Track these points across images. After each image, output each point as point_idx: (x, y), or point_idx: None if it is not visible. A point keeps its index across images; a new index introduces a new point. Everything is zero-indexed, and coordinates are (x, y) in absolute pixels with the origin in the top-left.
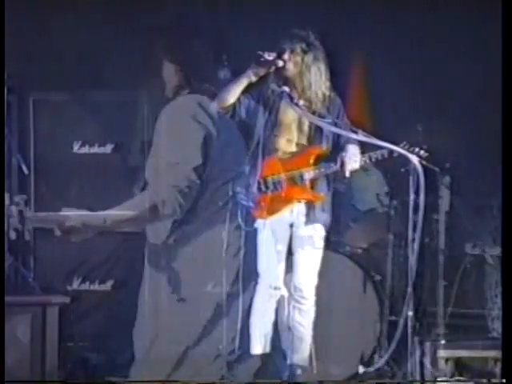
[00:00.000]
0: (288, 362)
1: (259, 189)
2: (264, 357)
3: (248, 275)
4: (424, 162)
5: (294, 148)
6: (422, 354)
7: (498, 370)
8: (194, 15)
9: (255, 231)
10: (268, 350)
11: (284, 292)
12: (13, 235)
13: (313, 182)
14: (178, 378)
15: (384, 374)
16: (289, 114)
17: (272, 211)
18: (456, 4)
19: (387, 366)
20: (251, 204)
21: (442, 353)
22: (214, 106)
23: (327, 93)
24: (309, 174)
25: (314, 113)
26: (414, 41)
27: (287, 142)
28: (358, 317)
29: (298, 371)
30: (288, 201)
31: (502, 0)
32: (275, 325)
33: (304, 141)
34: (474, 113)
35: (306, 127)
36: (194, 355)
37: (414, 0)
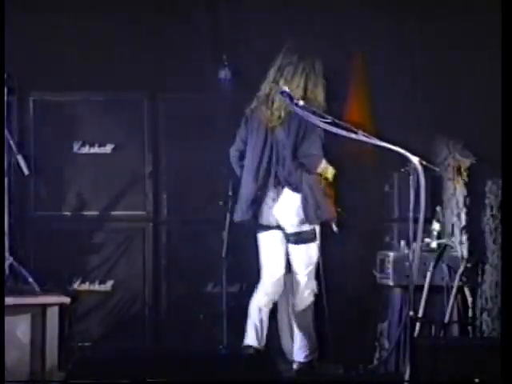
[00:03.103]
0: (288, 361)
1: None
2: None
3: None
4: (424, 162)
5: None
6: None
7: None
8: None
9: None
10: (262, 344)
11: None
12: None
13: None
14: None
15: (384, 374)
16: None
17: None
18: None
19: (387, 366)
20: None
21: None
22: None
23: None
24: None
25: (313, 113)
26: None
27: None
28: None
29: (298, 370)
30: None
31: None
32: (275, 325)
33: None
34: (474, 112)
35: None
36: None
37: (414, 0)
